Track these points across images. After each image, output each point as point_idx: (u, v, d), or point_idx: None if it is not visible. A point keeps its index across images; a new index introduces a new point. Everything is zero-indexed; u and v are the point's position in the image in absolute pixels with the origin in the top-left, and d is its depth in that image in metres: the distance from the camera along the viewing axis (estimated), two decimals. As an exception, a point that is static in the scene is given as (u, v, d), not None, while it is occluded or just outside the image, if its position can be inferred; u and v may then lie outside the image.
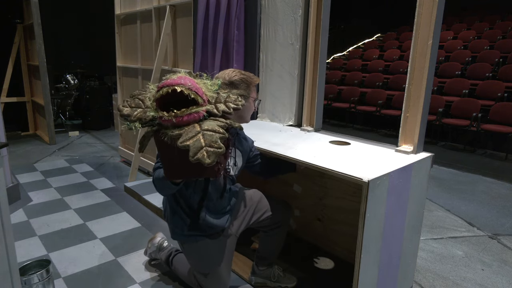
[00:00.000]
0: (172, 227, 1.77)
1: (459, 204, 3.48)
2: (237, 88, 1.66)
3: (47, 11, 5.75)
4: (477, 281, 2.26)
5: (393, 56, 8.44)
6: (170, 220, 1.77)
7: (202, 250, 1.74)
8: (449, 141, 6.07)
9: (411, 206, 1.80)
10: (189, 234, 1.71)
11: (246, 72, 1.72)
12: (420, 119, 1.82)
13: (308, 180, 2.46)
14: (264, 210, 1.89)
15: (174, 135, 1.19)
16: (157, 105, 1.26)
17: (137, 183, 3.55)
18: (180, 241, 1.80)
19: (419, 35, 1.78)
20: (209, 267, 1.77)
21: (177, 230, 1.73)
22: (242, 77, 1.67)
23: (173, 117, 1.21)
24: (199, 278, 1.83)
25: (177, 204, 1.71)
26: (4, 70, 5.50)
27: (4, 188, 1.35)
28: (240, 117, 1.73)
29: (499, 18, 8.47)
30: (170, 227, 1.79)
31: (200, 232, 1.71)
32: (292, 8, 2.44)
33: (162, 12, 3.69)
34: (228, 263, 1.81)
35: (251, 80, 1.69)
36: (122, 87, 4.62)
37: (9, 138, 5.25)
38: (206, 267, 1.77)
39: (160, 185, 1.53)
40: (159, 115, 1.24)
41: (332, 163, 1.66)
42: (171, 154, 1.26)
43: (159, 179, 1.50)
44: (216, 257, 1.76)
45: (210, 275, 1.78)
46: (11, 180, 3.25)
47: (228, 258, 1.80)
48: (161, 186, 1.53)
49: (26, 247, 2.47)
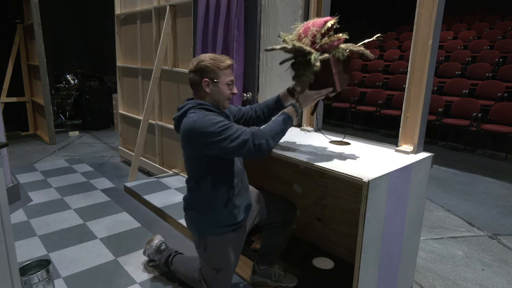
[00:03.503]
0: (200, 221, 1.75)
1: (459, 204, 3.48)
2: (203, 73, 1.62)
3: (47, 11, 5.74)
4: (477, 281, 2.26)
5: (393, 56, 8.44)
6: (200, 215, 1.74)
7: (224, 244, 1.75)
8: (449, 141, 6.07)
9: (411, 206, 1.80)
10: (219, 226, 1.71)
11: (216, 55, 1.66)
12: (420, 119, 1.82)
13: (308, 180, 2.46)
14: (270, 209, 1.92)
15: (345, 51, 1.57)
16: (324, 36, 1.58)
17: (137, 183, 3.55)
18: (203, 236, 1.76)
19: (419, 35, 1.78)
20: (226, 261, 1.78)
21: (207, 224, 1.73)
22: (209, 62, 1.61)
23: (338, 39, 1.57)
24: (207, 275, 1.83)
25: (216, 194, 1.69)
26: (4, 70, 5.50)
27: (4, 188, 1.35)
28: (215, 101, 1.66)
29: (499, 18, 8.46)
30: (196, 223, 1.77)
31: (227, 224, 1.72)
32: (292, 8, 2.44)
33: (162, 12, 3.69)
34: (237, 259, 1.84)
35: (219, 64, 1.62)
36: (122, 87, 4.62)
37: (9, 138, 5.25)
38: (222, 262, 1.78)
39: (282, 131, 1.63)
40: (334, 39, 1.56)
41: (332, 163, 1.66)
42: (340, 68, 1.60)
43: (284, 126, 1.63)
44: (233, 252, 1.78)
45: (222, 270, 1.79)
46: (11, 180, 3.25)
47: (239, 253, 1.84)
48: (283, 131, 1.64)
49: (26, 247, 2.47)
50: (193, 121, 1.55)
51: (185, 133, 1.59)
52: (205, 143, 1.53)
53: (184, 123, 1.60)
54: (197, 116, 1.56)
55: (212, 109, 1.64)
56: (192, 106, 1.62)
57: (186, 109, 1.63)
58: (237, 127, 1.54)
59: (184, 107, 1.65)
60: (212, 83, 1.64)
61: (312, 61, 1.52)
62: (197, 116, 1.56)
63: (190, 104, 1.63)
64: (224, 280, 1.83)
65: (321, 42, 1.57)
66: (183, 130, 1.60)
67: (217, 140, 1.51)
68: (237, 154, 1.57)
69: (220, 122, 1.52)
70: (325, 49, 1.58)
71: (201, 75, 1.63)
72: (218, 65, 1.62)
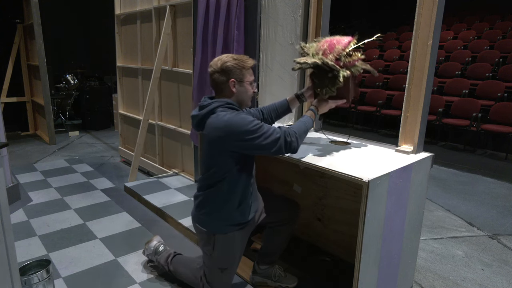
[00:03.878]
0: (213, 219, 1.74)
1: (459, 204, 3.48)
2: (229, 73, 1.66)
3: (47, 11, 5.75)
4: (477, 281, 2.26)
5: (393, 56, 8.44)
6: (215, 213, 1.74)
7: (232, 243, 1.76)
8: (449, 141, 6.07)
9: (411, 206, 1.80)
10: (230, 224, 1.73)
11: (238, 56, 1.71)
12: (420, 119, 1.82)
13: (308, 180, 2.46)
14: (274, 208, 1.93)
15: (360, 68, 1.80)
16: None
17: (137, 183, 3.55)
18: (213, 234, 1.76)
19: (419, 35, 1.78)
20: (232, 261, 1.80)
21: (219, 222, 1.73)
22: (234, 62, 1.67)
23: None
24: (211, 275, 1.83)
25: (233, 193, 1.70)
26: (4, 70, 5.50)
27: (4, 188, 1.35)
28: (240, 100, 1.73)
29: (499, 18, 8.46)
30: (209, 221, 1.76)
31: (237, 223, 1.74)
32: (292, 8, 2.44)
33: (162, 12, 3.69)
34: (240, 259, 1.86)
35: (244, 64, 1.68)
36: (122, 87, 4.62)
37: (9, 138, 5.25)
38: (228, 261, 1.80)
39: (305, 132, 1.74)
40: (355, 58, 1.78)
41: (332, 163, 1.66)
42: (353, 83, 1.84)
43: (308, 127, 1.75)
44: (239, 251, 1.81)
45: (227, 269, 1.80)
46: (11, 180, 3.25)
47: (242, 253, 1.86)
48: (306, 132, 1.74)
49: (26, 247, 2.47)
50: (227, 119, 1.57)
51: (216, 131, 1.61)
52: (240, 140, 1.57)
53: (213, 121, 1.62)
54: (229, 114, 1.59)
55: (238, 108, 1.69)
56: (220, 105, 1.64)
57: (212, 108, 1.64)
58: (268, 126, 1.61)
59: (210, 105, 1.66)
60: (238, 83, 1.68)
61: (340, 78, 1.72)
62: (230, 114, 1.59)
63: (217, 103, 1.65)
64: (226, 280, 1.84)
65: (345, 60, 1.76)
66: (214, 128, 1.61)
67: (252, 138, 1.55)
68: (268, 151, 1.60)
69: (254, 121, 1.57)
70: (347, 66, 1.77)
71: (228, 75, 1.67)
72: (243, 65, 1.68)
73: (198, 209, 1.79)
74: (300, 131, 1.68)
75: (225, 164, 1.66)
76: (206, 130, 1.66)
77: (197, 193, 1.81)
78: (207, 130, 1.65)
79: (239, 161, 1.66)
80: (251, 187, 1.76)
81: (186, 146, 3.69)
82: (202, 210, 1.77)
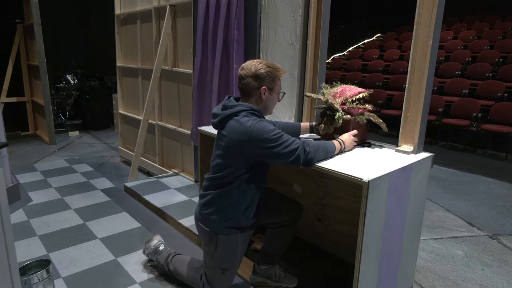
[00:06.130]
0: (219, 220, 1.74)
1: (459, 204, 3.48)
2: (262, 80, 1.68)
3: (47, 11, 5.75)
4: (477, 281, 2.26)
5: (393, 56, 8.44)
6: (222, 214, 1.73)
7: (235, 244, 1.77)
8: (449, 141, 6.07)
9: (411, 206, 1.80)
10: (234, 227, 1.74)
11: (272, 64, 1.73)
12: (420, 119, 1.82)
13: (308, 180, 2.46)
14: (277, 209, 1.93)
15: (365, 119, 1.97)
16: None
17: (137, 183, 3.55)
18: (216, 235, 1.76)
19: (419, 35, 1.78)
20: (233, 261, 1.81)
21: (224, 223, 1.73)
22: (268, 70, 1.69)
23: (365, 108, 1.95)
24: (212, 275, 1.83)
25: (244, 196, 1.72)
26: (4, 70, 5.50)
27: (4, 188, 1.35)
28: (265, 108, 1.76)
29: (499, 18, 8.47)
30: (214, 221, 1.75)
31: (242, 226, 1.76)
32: (292, 8, 2.44)
33: (162, 12, 3.69)
34: (241, 259, 1.87)
35: (277, 74, 1.72)
36: (122, 87, 4.62)
37: (9, 138, 5.25)
38: (230, 262, 1.81)
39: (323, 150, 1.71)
40: (360, 107, 1.93)
41: (332, 163, 1.66)
42: (361, 130, 1.98)
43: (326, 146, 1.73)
44: (241, 252, 1.82)
45: (229, 270, 1.82)
46: (11, 180, 3.25)
47: (243, 254, 1.87)
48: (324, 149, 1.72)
49: (26, 247, 2.47)
50: (250, 125, 1.59)
51: (237, 135, 1.61)
52: (259, 147, 1.59)
53: (236, 124, 1.63)
54: (252, 120, 1.61)
55: (261, 116, 1.71)
56: (245, 110, 1.66)
57: (237, 110, 1.66)
58: (288, 136, 1.63)
59: (235, 107, 1.67)
60: (268, 91, 1.72)
61: (336, 118, 1.88)
62: (252, 121, 1.61)
63: (242, 107, 1.67)
64: (227, 281, 1.85)
65: (349, 105, 1.90)
66: (236, 131, 1.62)
67: (272, 146, 1.58)
68: (286, 161, 1.61)
69: (275, 130, 1.60)
70: (351, 112, 1.91)
71: (261, 82, 1.69)
72: (276, 75, 1.72)
73: (203, 208, 1.78)
74: (320, 146, 1.68)
75: (239, 169, 1.67)
76: (227, 132, 1.67)
77: (203, 191, 1.80)
78: (228, 131, 1.66)
79: (253, 168, 1.68)
80: (260, 194, 1.78)
81: (186, 146, 3.69)
82: (208, 209, 1.76)
